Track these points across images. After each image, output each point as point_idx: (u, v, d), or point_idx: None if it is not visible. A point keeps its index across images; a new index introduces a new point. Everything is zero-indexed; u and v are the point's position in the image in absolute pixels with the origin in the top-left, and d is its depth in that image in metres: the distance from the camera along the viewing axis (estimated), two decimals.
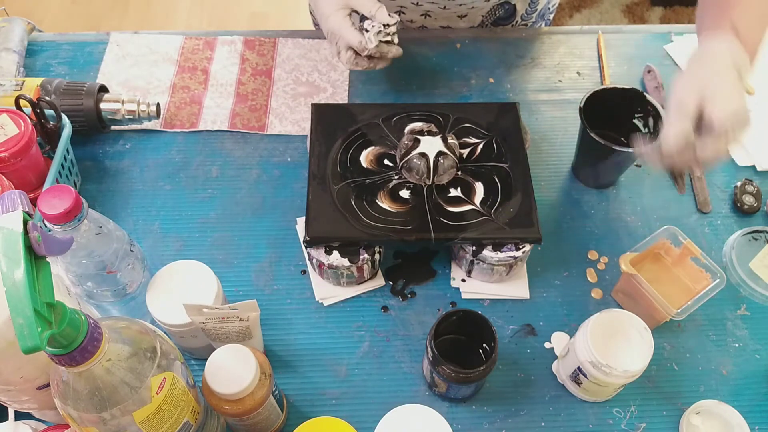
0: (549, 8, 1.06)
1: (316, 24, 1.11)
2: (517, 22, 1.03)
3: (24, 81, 0.84)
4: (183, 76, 0.95)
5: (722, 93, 0.63)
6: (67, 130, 0.79)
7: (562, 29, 1.03)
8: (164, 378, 0.50)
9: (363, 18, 0.79)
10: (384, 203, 0.74)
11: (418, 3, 0.94)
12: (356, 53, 0.80)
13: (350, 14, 0.80)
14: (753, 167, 0.88)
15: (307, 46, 0.98)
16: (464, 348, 0.69)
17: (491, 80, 0.96)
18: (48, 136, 0.79)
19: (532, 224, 0.73)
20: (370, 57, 0.81)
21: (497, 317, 0.75)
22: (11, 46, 0.92)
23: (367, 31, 0.78)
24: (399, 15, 0.97)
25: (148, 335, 0.51)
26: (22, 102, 0.77)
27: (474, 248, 0.72)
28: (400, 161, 0.76)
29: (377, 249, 0.73)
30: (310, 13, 1.12)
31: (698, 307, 0.68)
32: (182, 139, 0.89)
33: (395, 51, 0.81)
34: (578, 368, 0.66)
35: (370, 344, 0.73)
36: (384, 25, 0.77)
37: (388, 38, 0.79)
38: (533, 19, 1.04)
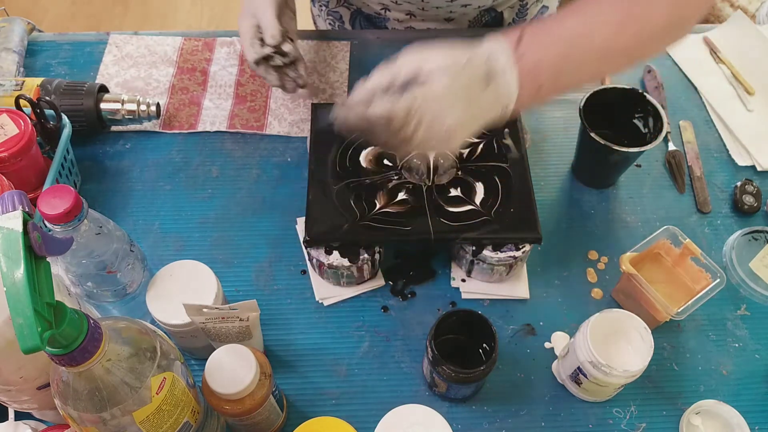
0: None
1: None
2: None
3: (24, 81, 0.84)
4: (182, 77, 0.95)
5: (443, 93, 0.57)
6: (67, 130, 0.79)
7: None
8: (164, 378, 0.50)
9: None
10: (384, 203, 0.74)
11: (397, 2, 0.94)
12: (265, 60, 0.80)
13: (257, 26, 0.79)
14: (753, 167, 0.88)
15: (306, 47, 0.98)
16: (464, 348, 0.69)
17: None
18: (48, 136, 0.79)
19: (532, 224, 0.73)
20: (280, 70, 0.81)
21: (497, 317, 0.75)
22: (11, 46, 0.92)
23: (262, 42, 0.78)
24: (384, 12, 0.96)
25: (148, 335, 0.51)
26: (22, 102, 0.77)
27: (474, 248, 0.72)
28: (400, 161, 0.76)
29: (377, 249, 0.73)
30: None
31: (698, 307, 0.68)
32: (182, 139, 0.89)
33: (290, 87, 0.82)
34: (578, 368, 0.66)
35: (370, 344, 0.73)
36: (275, 49, 0.77)
37: (279, 64, 0.79)
38: None
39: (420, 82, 0.57)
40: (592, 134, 0.77)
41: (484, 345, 0.68)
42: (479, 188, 0.75)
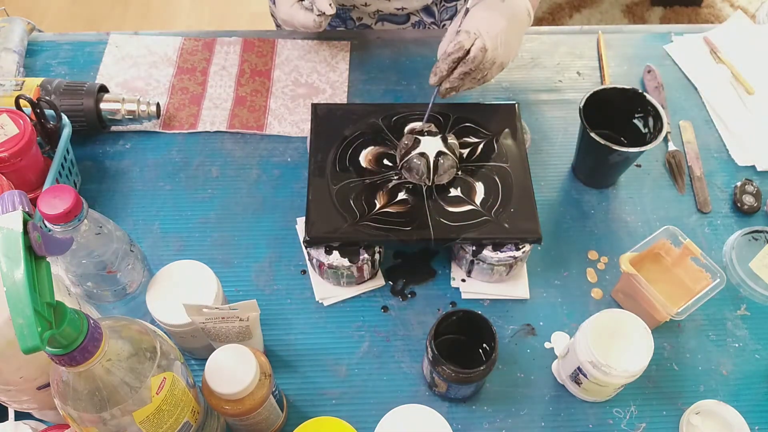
0: None
1: (277, 25, 1.12)
2: None
3: (24, 81, 0.84)
4: (182, 77, 0.95)
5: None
6: (67, 130, 0.79)
7: (562, 29, 1.03)
8: (164, 378, 0.50)
9: None
10: (384, 203, 0.74)
11: None
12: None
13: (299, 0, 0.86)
14: (753, 167, 0.88)
15: (306, 47, 0.98)
16: (464, 348, 0.69)
17: (491, 80, 0.96)
18: (48, 136, 0.79)
19: (532, 224, 0.73)
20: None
21: (497, 317, 0.75)
22: (11, 46, 0.92)
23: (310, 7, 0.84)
24: None
25: (148, 335, 0.51)
26: (22, 102, 0.77)
27: (474, 248, 0.72)
28: (400, 161, 0.76)
29: (377, 249, 0.73)
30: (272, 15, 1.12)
31: (698, 307, 0.68)
32: (182, 139, 0.89)
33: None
34: (578, 368, 0.66)
35: (370, 344, 0.73)
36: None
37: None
38: None
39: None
40: (592, 134, 0.77)
41: (484, 345, 0.68)
42: (479, 188, 0.75)
